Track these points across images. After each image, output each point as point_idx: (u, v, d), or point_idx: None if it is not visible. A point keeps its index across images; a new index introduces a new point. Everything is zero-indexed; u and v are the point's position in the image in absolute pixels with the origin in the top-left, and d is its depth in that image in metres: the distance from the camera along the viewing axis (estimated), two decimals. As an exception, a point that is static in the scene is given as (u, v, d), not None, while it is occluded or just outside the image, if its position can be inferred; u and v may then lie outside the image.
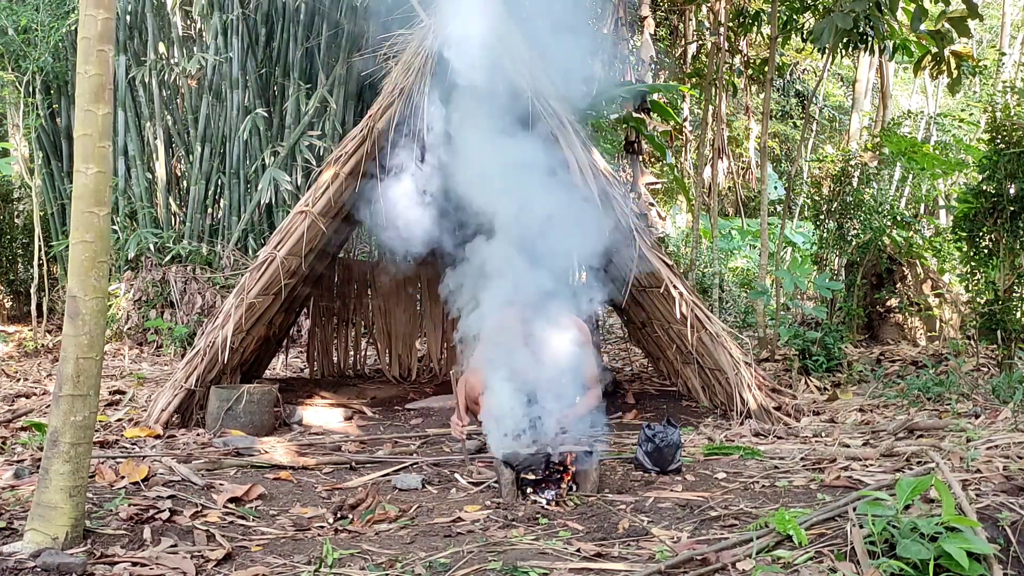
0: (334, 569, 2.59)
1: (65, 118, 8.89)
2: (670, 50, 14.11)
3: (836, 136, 19.87)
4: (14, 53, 7.96)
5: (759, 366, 5.82)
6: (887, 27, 7.10)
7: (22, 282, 9.53)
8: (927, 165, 8.66)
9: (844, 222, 7.92)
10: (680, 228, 16.95)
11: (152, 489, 3.37)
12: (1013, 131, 5.95)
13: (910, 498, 2.56)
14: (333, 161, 5.01)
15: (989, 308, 6.06)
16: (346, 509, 3.25)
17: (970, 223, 6.22)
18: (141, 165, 8.58)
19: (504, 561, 2.61)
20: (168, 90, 8.71)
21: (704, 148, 10.56)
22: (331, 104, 8.30)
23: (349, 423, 5.13)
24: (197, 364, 4.80)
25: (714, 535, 2.83)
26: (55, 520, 2.66)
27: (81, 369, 2.71)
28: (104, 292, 2.79)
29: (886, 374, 6.39)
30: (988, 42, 17.77)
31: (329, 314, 6.89)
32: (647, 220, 9.64)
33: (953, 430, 4.14)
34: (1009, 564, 2.50)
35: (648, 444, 3.81)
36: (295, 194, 8.10)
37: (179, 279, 8.12)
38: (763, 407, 4.85)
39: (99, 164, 2.74)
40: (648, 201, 10.28)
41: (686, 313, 4.89)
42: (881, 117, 11.71)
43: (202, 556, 2.70)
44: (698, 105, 13.89)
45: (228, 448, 4.17)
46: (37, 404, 5.22)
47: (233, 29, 8.27)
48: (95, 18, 2.72)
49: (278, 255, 4.82)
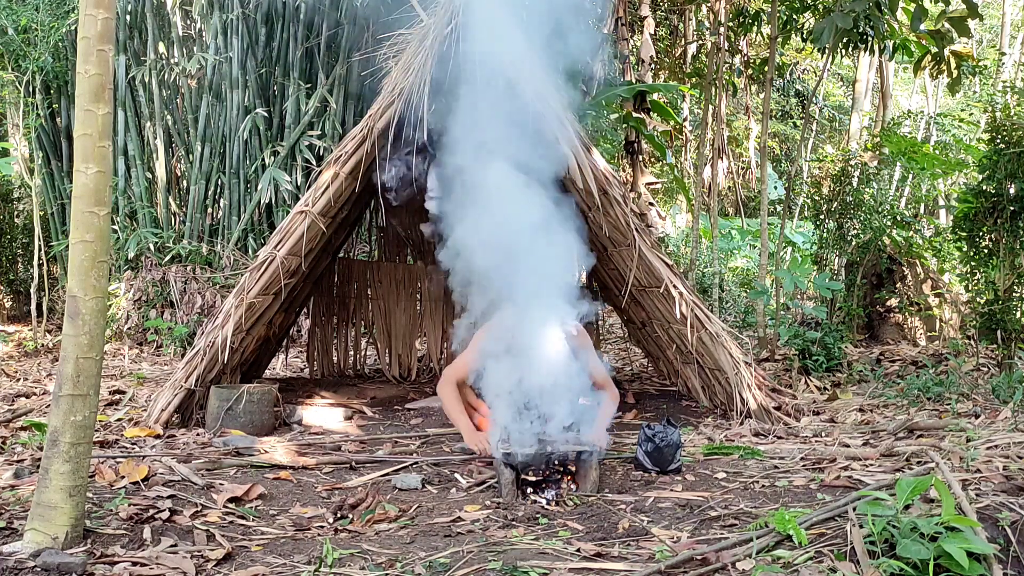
0: (334, 569, 2.59)
1: (65, 118, 8.89)
2: (670, 50, 14.11)
3: (836, 136, 19.88)
4: (14, 53, 7.95)
5: (759, 366, 5.83)
6: (887, 27, 7.09)
7: (22, 282, 9.53)
8: (927, 165, 8.66)
9: (844, 222, 7.92)
10: (680, 228, 16.95)
11: (152, 489, 3.37)
12: (1013, 131, 5.95)
13: (910, 498, 2.56)
14: (333, 161, 5.01)
15: (989, 308, 6.06)
16: (346, 509, 3.25)
17: (970, 223, 6.22)
18: (141, 165, 8.58)
19: (504, 561, 2.61)
20: (168, 90, 8.71)
21: (704, 148, 10.55)
22: (331, 104, 8.31)
23: (349, 423, 5.13)
24: (197, 364, 4.80)
25: (714, 535, 2.83)
26: (55, 520, 2.66)
27: (81, 369, 2.71)
28: (104, 292, 2.78)
29: (886, 374, 6.39)
30: (988, 42, 17.77)
31: (329, 314, 6.89)
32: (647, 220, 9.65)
33: (953, 430, 4.14)
34: (1009, 564, 2.50)
35: (648, 444, 3.82)
36: (295, 194, 8.10)
37: (179, 279, 8.12)
38: (763, 407, 4.85)
39: (99, 164, 2.74)
40: (648, 201, 10.28)
41: (686, 313, 4.90)
42: (881, 117, 11.71)
43: (202, 556, 2.70)
44: (698, 105, 13.89)
45: (228, 448, 4.17)
46: (37, 404, 5.22)
47: (233, 29, 8.27)
48: (95, 18, 2.72)
49: (278, 255, 4.82)
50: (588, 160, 4.79)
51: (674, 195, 16.59)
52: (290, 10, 8.31)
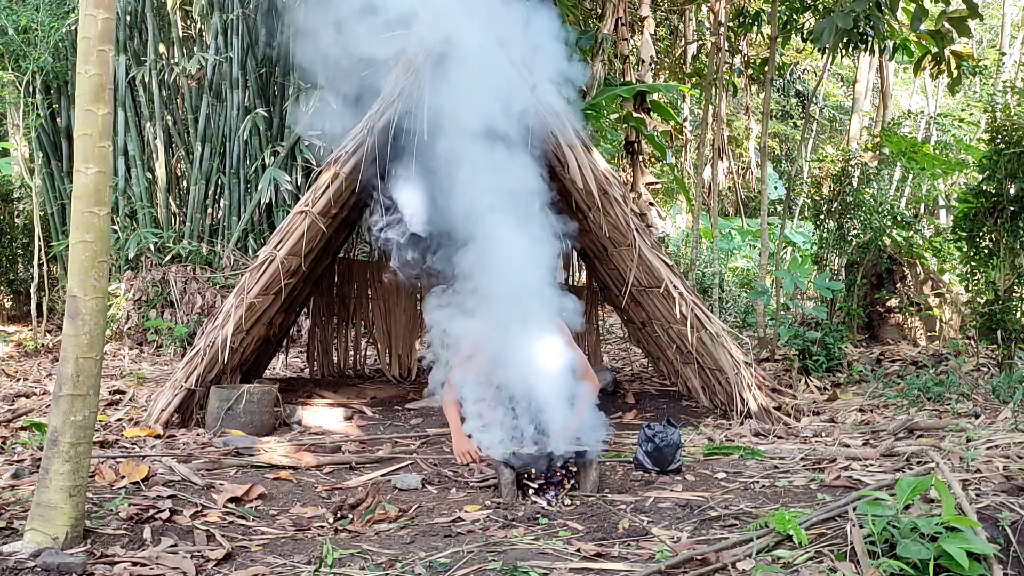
0: (334, 569, 2.59)
1: (65, 118, 8.89)
2: (670, 50, 14.12)
3: (836, 136, 19.89)
4: (14, 53, 7.95)
5: (759, 366, 5.83)
6: (887, 27, 7.10)
7: (22, 282, 9.53)
8: (927, 165, 8.66)
9: (844, 222, 7.92)
10: (680, 228, 16.96)
11: (152, 489, 3.37)
12: (1013, 131, 5.95)
13: (910, 498, 2.56)
14: (333, 161, 5.01)
15: (989, 308, 6.06)
16: (346, 509, 3.25)
17: (970, 223, 6.22)
18: (141, 165, 8.58)
19: (504, 561, 2.61)
20: (168, 90, 8.71)
21: (704, 148, 10.55)
22: (331, 104, 8.30)
23: (349, 423, 5.13)
24: (197, 364, 4.80)
25: (714, 535, 2.83)
26: (55, 520, 2.66)
27: (81, 369, 2.71)
28: (104, 292, 2.78)
29: (886, 374, 6.39)
30: (988, 42, 17.77)
31: (329, 314, 6.89)
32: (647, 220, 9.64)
33: (953, 430, 4.14)
34: (1009, 564, 2.50)
35: (648, 444, 3.82)
36: (295, 194, 8.10)
37: (179, 279, 8.12)
38: (763, 407, 4.85)
39: (99, 164, 2.74)
40: (648, 201, 10.28)
41: (686, 313, 4.89)
42: (881, 117, 11.71)
43: (202, 556, 2.70)
44: (698, 105, 13.90)
45: (228, 448, 4.17)
46: (37, 404, 5.22)
47: (233, 29, 8.27)
48: (95, 18, 2.72)
49: (278, 255, 4.82)
50: (588, 160, 4.79)
51: (674, 195, 16.59)
52: (290, 10, 8.30)
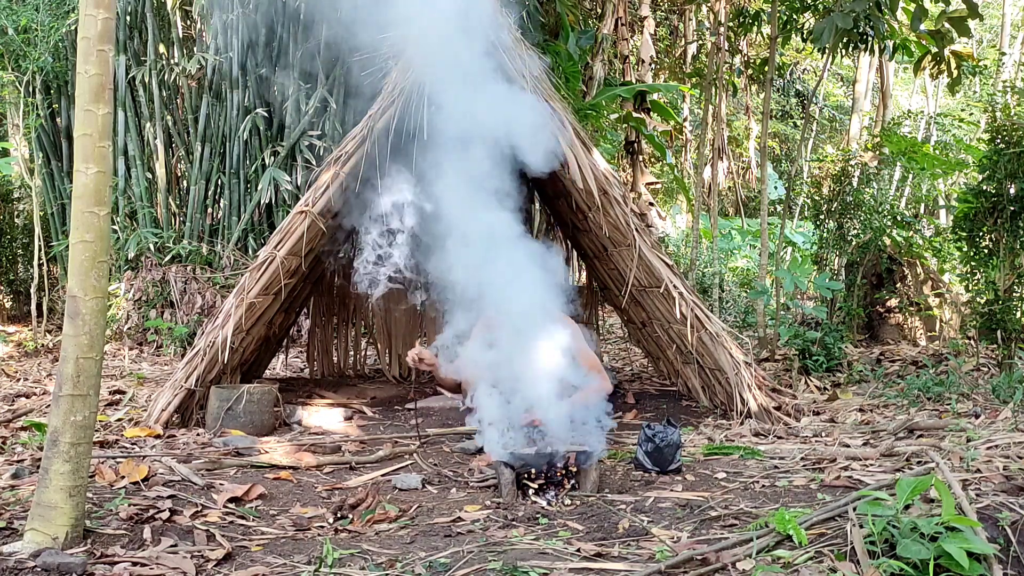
0: (334, 569, 2.59)
1: (65, 118, 8.88)
2: (670, 50, 14.12)
3: (836, 136, 19.90)
4: (14, 53, 7.95)
5: (759, 366, 5.82)
6: (887, 27, 7.10)
7: (22, 282, 9.53)
8: (927, 165, 8.67)
9: (844, 222, 7.92)
10: (680, 228, 16.97)
11: (152, 489, 3.37)
12: (1013, 131, 5.95)
13: (910, 498, 2.56)
14: (333, 161, 5.01)
15: (989, 308, 6.06)
16: (346, 509, 3.25)
17: (970, 223, 6.22)
18: (141, 165, 8.58)
19: (504, 561, 2.61)
20: (168, 90, 8.71)
21: (704, 148, 10.56)
22: (331, 104, 8.30)
23: (349, 423, 5.13)
24: (197, 364, 4.80)
25: (714, 535, 2.83)
26: (55, 520, 2.66)
27: (81, 369, 2.71)
28: (104, 292, 2.78)
29: (886, 374, 6.39)
30: (988, 42, 17.78)
31: (329, 314, 6.89)
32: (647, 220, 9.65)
33: (953, 430, 4.14)
34: (1009, 564, 2.50)
35: (648, 444, 3.81)
36: (295, 194, 8.10)
37: (179, 279, 8.12)
38: (763, 407, 4.85)
39: (99, 164, 2.74)
40: (648, 201, 10.28)
41: (686, 313, 4.89)
42: (881, 117, 11.71)
43: (202, 556, 2.70)
44: (698, 105, 13.90)
45: (228, 448, 4.17)
46: (37, 404, 5.22)
47: (233, 29, 8.27)
48: (95, 18, 2.72)
49: (278, 255, 4.82)
50: (588, 160, 4.79)
51: (674, 195, 16.61)
52: (290, 10, 8.30)
